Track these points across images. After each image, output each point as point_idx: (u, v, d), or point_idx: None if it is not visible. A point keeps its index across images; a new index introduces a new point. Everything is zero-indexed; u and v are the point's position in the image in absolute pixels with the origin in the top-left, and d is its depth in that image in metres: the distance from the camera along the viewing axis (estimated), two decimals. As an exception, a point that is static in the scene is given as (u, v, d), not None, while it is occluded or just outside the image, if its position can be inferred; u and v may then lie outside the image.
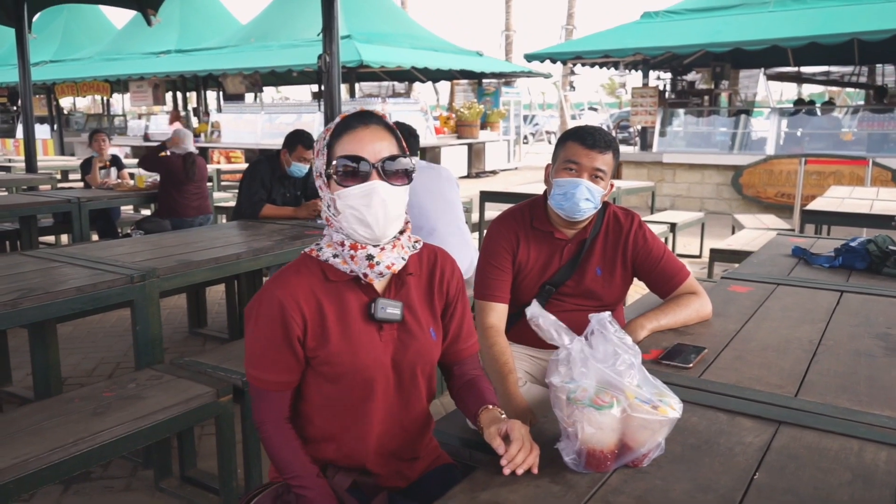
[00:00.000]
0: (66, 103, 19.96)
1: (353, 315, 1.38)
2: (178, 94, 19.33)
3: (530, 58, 11.62)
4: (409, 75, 17.27)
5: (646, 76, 11.91)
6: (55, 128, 18.27)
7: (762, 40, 9.36)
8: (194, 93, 18.33)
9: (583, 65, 12.89)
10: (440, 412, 2.84)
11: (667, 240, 5.85)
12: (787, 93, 21.19)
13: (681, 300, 1.98)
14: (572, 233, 2.02)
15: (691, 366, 1.64)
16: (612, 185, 1.98)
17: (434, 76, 17.63)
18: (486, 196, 6.36)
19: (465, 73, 16.57)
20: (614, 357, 1.18)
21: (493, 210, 5.07)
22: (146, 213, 6.97)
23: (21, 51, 6.41)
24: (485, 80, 17.12)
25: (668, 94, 12.17)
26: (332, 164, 1.34)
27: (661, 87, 11.99)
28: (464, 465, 1.61)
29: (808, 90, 18.30)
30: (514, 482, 1.15)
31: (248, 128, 13.93)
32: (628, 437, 1.17)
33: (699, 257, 6.65)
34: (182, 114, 16.95)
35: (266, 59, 13.82)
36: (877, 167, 8.59)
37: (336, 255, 1.37)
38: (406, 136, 2.51)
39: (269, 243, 3.30)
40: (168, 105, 19.09)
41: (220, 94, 17.09)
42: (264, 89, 18.57)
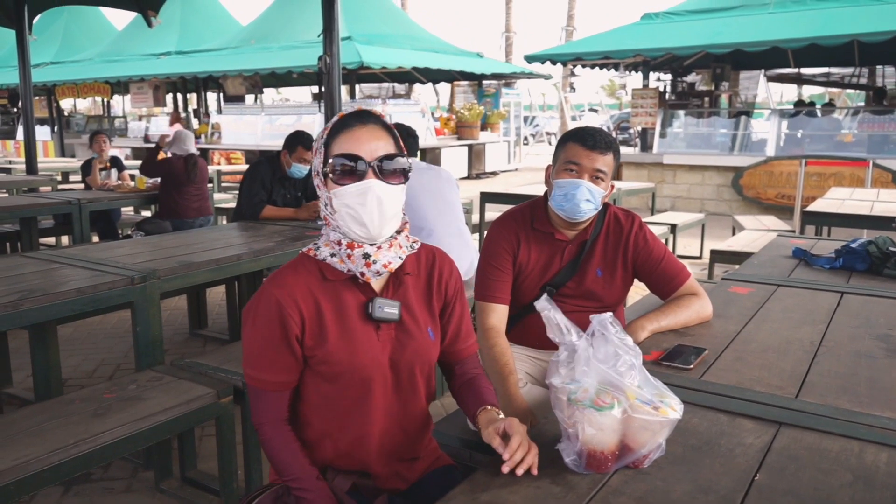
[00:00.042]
0: (66, 105, 19.95)
1: (350, 314, 1.38)
2: (179, 96, 19.31)
3: (530, 59, 11.63)
4: (409, 76, 17.27)
5: (646, 77, 11.90)
6: (55, 129, 18.27)
7: (762, 41, 9.36)
8: (195, 94, 18.31)
9: (583, 66, 12.91)
10: (440, 413, 2.84)
11: (667, 241, 5.85)
12: (788, 94, 21.26)
13: (681, 301, 1.98)
14: (573, 234, 2.02)
15: (692, 367, 1.64)
16: (613, 187, 1.98)
17: (434, 77, 17.62)
18: (487, 197, 6.37)
19: (465, 75, 16.55)
20: (615, 358, 1.18)
21: (493, 211, 5.07)
22: (147, 214, 6.98)
23: (21, 52, 6.43)
24: (485, 82, 17.11)
25: (668, 96, 12.16)
26: (329, 162, 1.34)
27: (661, 89, 11.98)
28: (464, 467, 1.61)
29: (809, 91, 18.29)
30: (514, 483, 1.14)
31: (248, 129, 13.93)
32: (629, 438, 1.17)
33: (699, 258, 6.65)
34: (182, 115, 16.93)
35: (266, 61, 13.80)
36: (877, 168, 8.59)
37: (333, 255, 1.38)
38: (405, 137, 2.53)
39: (270, 244, 3.30)
40: (168, 106, 19.09)
41: (221, 95, 17.08)
42: (264, 91, 18.57)
